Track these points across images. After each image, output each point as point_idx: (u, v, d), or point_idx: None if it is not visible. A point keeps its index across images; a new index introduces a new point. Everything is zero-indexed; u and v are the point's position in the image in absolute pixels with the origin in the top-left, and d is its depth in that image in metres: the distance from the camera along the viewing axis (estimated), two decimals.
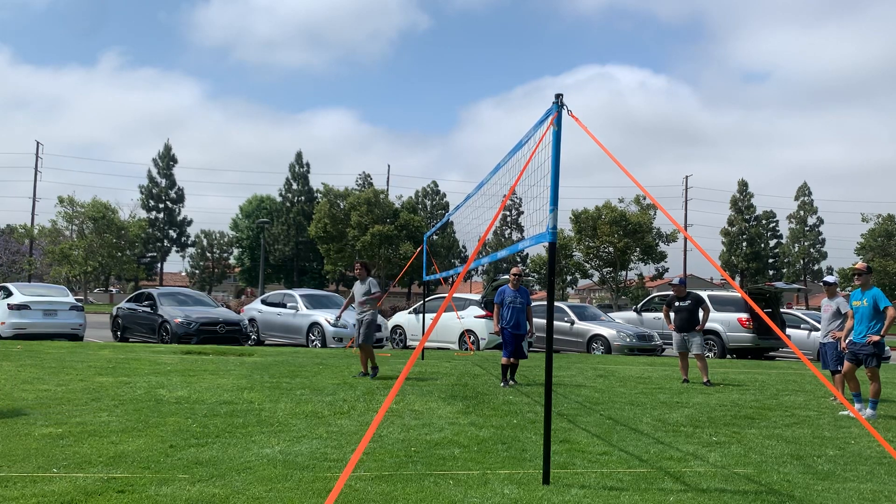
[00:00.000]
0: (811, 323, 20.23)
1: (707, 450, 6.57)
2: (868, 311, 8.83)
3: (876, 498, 5.09)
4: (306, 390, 9.57)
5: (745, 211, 66.07)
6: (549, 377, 5.53)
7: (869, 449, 6.80)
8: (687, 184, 61.22)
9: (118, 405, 7.88)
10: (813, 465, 6.09)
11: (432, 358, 15.72)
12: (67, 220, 55.63)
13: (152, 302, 19.48)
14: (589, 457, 6.10)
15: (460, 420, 7.67)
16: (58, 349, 14.81)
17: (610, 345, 19.31)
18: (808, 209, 66.04)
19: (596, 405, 9.12)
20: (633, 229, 49.52)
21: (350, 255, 54.27)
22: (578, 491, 4.98)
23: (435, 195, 71.61)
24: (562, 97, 5.61)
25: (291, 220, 67.22)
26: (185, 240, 68.68)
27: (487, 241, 60.48)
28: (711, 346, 19.78)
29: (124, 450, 5.77)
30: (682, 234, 7.55)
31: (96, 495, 4.51)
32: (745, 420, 8.34)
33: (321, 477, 5.11)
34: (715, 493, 5.08)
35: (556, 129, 5.51)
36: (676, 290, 12.68)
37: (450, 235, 62.67)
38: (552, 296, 6.19)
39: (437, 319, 5.29)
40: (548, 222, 5.50)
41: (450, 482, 5.09)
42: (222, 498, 4.55)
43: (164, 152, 67.45)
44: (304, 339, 19.27)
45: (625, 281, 54.01)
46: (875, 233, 58.03)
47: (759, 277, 62.07)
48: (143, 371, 11.14)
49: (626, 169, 5.79)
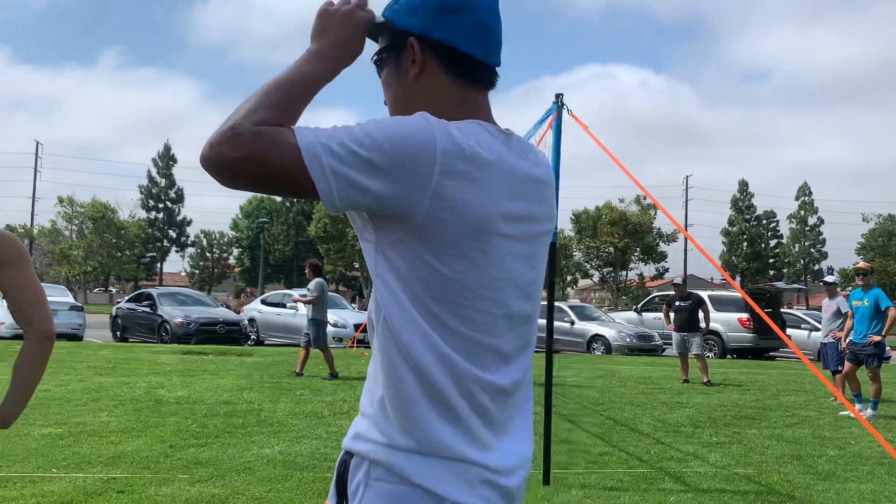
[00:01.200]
0: (811, 323, 20.22)
1: (707, 450, 6.57)
2: (869, 312, 8.83)
3: (876, 498, 5.08)
4: (306, 390, 9.56)
5: (746, 211, 66.06)
6: (549, 377, 5.53)
7: (869, 449, 6.79)
8: (687, 184, 61.26)
9: (118, 405, 7.87)
10: (813, 465, 6.09)
11: None
12: (67, 220, 55.63)
13: (152, 302, 19.48)
14: (589, 457, 6.10)
15: None
16: (57, 349, 14.74)
17: (610, 345, 19.30)
18: (808, 209, 66.03)
19: (596, 405, 9.11)
20: (633, 229, 49.54)
21: (350, 255, 54.30)
22: (578, 491, 4.97)
23: None
24: (562, 97, 5.61)
25: (291, 220, 67.24)
26: (184, 240, 68.66)
27: None
28: (712, 346, 19.76)
29: (124, 450, 5.77)
30: (683, 234, 7.55)
31: (96, 495, 4.51)
32: (745, 420, 8.33)
33: (321, 477, 5.11)
34: (715, 493, 5.08)
35: (557, 129, 5.51)
36: (678, 290, 12.68)
37: None
38: (552, 296, 6.18)
39: None
40: None
41: None
42: (222, 498, 4.54)
43: (164, 152, 67.44)
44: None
45: (625, 281, 54.02)
46: (875, 233, 58.03)
47: (760, 277, 62.08)
48: (143, 371, 11.14)
49: (627, 169, 5.79)
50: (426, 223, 1.19)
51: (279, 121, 1.18)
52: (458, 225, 1.20)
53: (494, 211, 1.23)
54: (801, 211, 66.14)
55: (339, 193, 1.16)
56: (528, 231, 1.31)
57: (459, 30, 1.30)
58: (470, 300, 1.24)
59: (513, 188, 1.27)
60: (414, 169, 1.16)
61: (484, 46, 1.32)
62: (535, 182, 1.33)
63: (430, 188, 1.17)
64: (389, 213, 1.20)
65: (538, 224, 1.34)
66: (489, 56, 1.34)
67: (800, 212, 66.09)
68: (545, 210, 1.36)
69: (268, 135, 1.14)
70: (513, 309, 1.30)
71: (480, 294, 1.25)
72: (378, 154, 1.15)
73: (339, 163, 1.14)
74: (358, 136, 1.16)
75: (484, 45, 1.32)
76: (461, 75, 1.32)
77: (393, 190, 1.17)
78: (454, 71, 1.31)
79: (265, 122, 1.16)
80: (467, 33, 1.30)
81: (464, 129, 1.23)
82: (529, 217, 1.31)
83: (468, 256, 1.22)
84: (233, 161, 1.14)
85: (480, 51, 1.32)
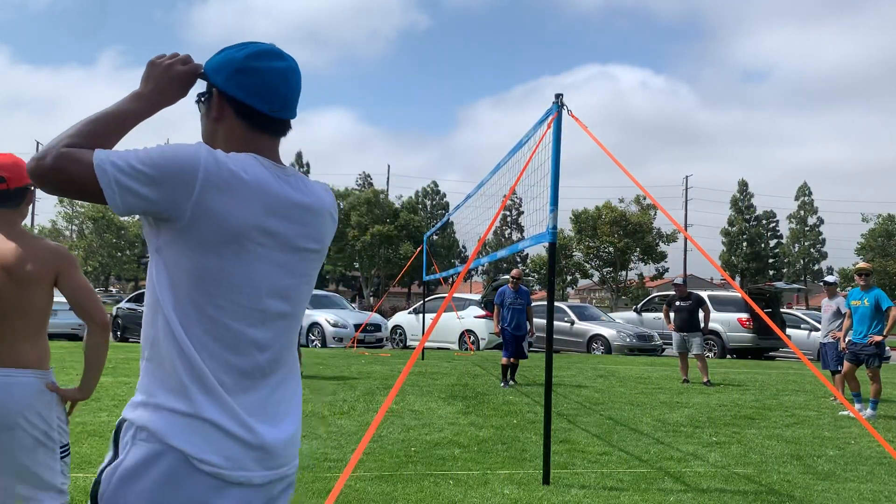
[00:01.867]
0: (811, 323, 20.22)
1: (707, 450, 6.57)
2: (870, 311, 8.83)
3: (876, 498, 5.09)
4: (306, 390, 9.56)
5: (745, 211, 66.05)
6: (549, 377, 5.53)
7: (869, 449, 6.79)
8: (687, 184, 61.25)
9: (118, 405, 7.87)
10: (813, 465, 6.09)
11: (432, 358, 15.72)
12: (67, 220, 55.67)
13: None
14: (589, 457, 6.10)
15: (460, 420, 7.67)
16: (57, 349, 14.80)
17: (610, 345, 19.31)
18: (808, 209, 66.02)
19: (596, 405, 9.12)
20: (633, 229, 49.52)
21: (350, 255, 54.29)
22: (578, 491, 4.98)
23: (435, 195, 71.63)
24: (562, 97, 5.61)
25: None
26: None
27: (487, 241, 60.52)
28: (711, 346, 19.77)
29: None
30: (683, 234, 7.55)
31: None
32: (745, 420, 8.34)
33: (321, 477, 5.11)
34: (715, 493, 5.08)
35: (556, 129, 5.51)
36: (679, 290, 12.68)
37: (450, 235, 62.65)
38: (552, 296, 6.19)
39: (437, 319, 5.29)
40: (548, 222, 5.50)
41: (450, 482, 5.09)
42: None
43: None
44: (303, 339, 19.28)
45: (625, 281, 54.01)
46: (875, 233, 57.99)
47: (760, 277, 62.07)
48: None
49: (626, 169, 5.80)
50: (190, 225, 1.51)
51: (87, 145, 1.51)
52: (216, 229, 1.52)
53: (250, 222, 1.55)
54: (800, 211, 66.13)
55: (121, 198, 1.48)
56: (288, 244, 1.63)
57: (250, 89, 1.64)
58: (223, 292, 1.54)
59: (272, 207, 1.59)
60: (180, 180, 1.49)
61: (270, 103, 1.66)
62: (301, 207, 1.66)
63: (193, 198, 1.49)
64: (162, 216, 1.52)
65: (300, 241, 1.66)
66: (276, 111, 1.68)
67: (799, 212, 66.08)
68: (308, 231, 1.68)
69: (73, 154, 1.49)
70: (266, 305, 1.61)
71: (232, 288, 1.55)
72: (151, 167, 1.48)
73: (121, 174, 1.47)
74: (141, 155, 1.49)
75: (270, 102, 1.66)
76: (249, 123, 1.66)
77: (162, 196, 1.49)
78: (243, 119, 1.66)
79: (74, 145, 1.51)
80: (255, 92, 1.65)
81: (232, 157, 1.56)
82: (287, 233, 1.62)
83: (223, 256, 1.53)
84: (45, 172, 1.49)
85: (267, 106, 1.66)
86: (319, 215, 1.71)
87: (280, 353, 1.66)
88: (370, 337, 19.20)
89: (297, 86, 1.73)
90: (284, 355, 1.67)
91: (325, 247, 1.77)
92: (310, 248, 1.69)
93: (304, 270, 1.69)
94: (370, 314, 20.67)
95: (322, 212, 1.72)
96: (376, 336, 19.58)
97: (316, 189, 1.73)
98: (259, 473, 1.57)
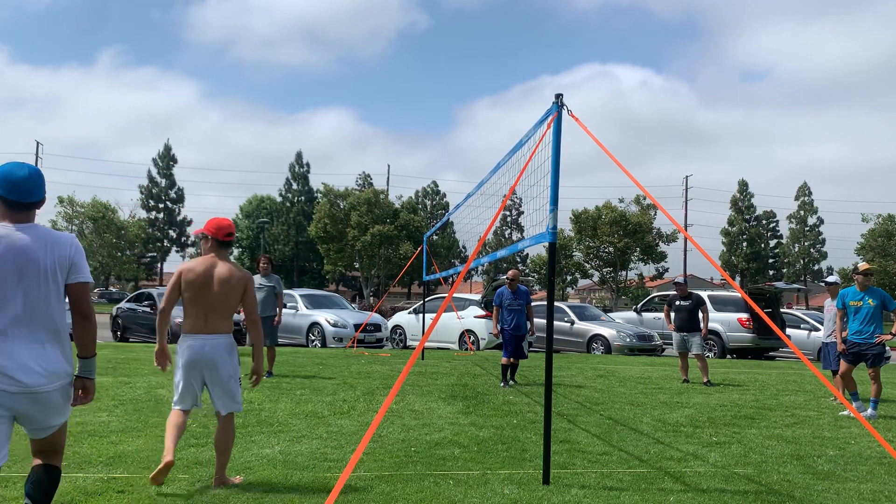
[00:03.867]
0: (811, 323, 20.24)
1: (707, 450, 6.57)
2: (875, 312, 8.83)
3: (876, 498, 5.09)
4: (306, 390, 9.56)
5: (745, 211, 66.09)
6: (549, 377, 5.53)
7: (869, 449, 6.79)
8: (687, 183, 61.23)
9: (118, 405, 7.87)
10: (813, 465, 6.09)
11: (432, 358, 15.72)
12: (67, 220, 55.62)
13: (152, 302, 19.48)
14: (589, 457, 6.10)
15: (460, 420, 7.67)
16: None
17: (610, 345, 19.31)
18: (808, 209, 66.04)
19: (596, 405, 9.12)
20: (633, 229, 49.53)
21: (350, 255, 54.29)
22: (578, 491, 4.98)
23: (435, 195, 71.64)
24: (562, 97, 5.61)
25: (291, 220, 67.23)
26: (185, 240, 68.58)
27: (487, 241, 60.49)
28: (711, 346, 19.78)
29: (124, 450, 5.77)
30: (682, 234, 7.55)
31: (96, 495, 4.51)
32: (745, 420, 8.33)
33: (321, 477, 5.11)
34: (715, 493, 5.08)
35: (556, 129, 5.51)
36: (679, 289, 12.68)
37: (450, 235, 62.64)
38: (552, 296, 6.18)
39: (437, 319, 5.29)
40: (548, 222, 5.50)
41: (450, 482, 5.09)
42: (222, 498, 4.55)
43: (164, 152, 67.41)
44: (304, 339, 19.28)
45: (625, 281, 54.01)
46: (875, 233, 57.99)
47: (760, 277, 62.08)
48: (143, 371, 11.14)
49: (626, 168, 5.80)
50: None
51: None
52: None
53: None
54: (800, 211, 66.16)
55: None
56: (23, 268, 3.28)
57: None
58: None
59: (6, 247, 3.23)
60: None
61: (7, 192, 3.31)
62: (24, 249, 3.28)
63: None
64: None
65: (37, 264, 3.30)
66: (9, 197, 3.31)
67: (799, 212, 66.10)
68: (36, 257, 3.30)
69: None
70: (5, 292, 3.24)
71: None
72: None
73: None
74: None
75: (6, 191, 3.31)
76: (3, 202, 3.32)
77: None
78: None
79: None
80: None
81: None
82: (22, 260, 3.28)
83: None
84: None
85: (2, 192, 3.30)
86: (41, 252, 3.33)
87: (16, 315, 3.27)
88: (370, 337, 19.21)
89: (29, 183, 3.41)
90: (23, 317, 3.30)
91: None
92: (43, 269, 3.35)
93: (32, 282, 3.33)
94: (370, 314, 20.67)
95: (52, 247, 3.36)
96: (376, 336, 19.58)
97: (45, 236, 3.38)
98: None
